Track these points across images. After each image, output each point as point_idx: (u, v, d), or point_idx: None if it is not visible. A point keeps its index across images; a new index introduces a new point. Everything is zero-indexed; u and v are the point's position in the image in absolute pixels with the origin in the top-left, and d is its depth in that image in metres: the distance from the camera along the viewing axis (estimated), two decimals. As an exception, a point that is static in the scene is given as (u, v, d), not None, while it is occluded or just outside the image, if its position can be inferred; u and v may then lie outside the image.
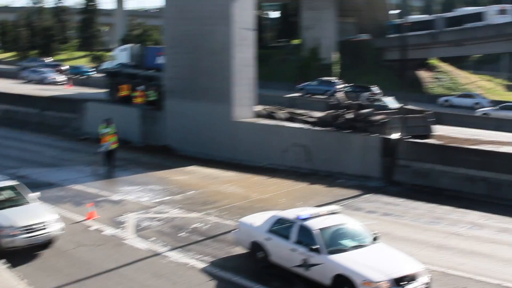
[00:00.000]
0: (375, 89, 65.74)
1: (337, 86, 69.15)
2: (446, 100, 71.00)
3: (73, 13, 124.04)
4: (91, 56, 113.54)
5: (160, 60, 79.10)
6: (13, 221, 19.22)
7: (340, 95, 39.33)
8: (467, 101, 68.99)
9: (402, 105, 35.00)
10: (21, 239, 18.99)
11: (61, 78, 76.89)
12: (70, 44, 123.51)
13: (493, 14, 79.81)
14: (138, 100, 42.62)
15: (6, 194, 21.22)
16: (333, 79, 74.23)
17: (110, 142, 32.86)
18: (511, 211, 25.90)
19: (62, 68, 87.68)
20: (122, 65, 68.20)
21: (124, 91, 46.04)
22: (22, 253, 19.37)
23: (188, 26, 37.51)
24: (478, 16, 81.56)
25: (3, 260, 4.29)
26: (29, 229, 19.20)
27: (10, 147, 38.23)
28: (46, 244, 19.91)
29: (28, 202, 20.90)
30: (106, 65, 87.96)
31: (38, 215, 20.08)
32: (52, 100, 51.64)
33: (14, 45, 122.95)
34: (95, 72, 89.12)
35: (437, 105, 66.49)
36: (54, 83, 73.94)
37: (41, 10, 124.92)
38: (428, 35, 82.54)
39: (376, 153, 31.68)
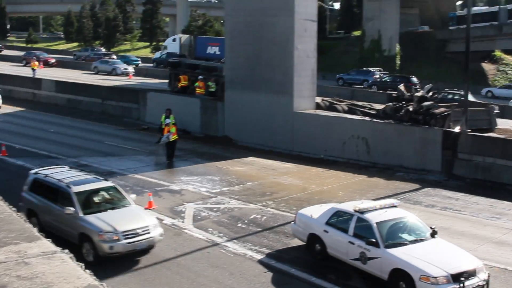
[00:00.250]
0: (414, 79, 64.96)
1: (375, 76, 68.75)
2: (489, 91, 69.65)
3: (136, 4, 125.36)
4: (153, 47, 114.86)
5: (210, 50, 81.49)
6: (114, 225, 17.93)
7: (401, 87, 38.71)
8: (509, 92, 67.43)
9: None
10: (123, 245, 17.74)
11: (131, 68, 77.67)
12: (132, 35, 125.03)
13: None
14: (199, 90, 42.72)
15: (107, 195, 19.79)
16: (373, 69, 73.66)
17: (170, 133, 32.50)
18: None
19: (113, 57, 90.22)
20: (168, 54, 69.09)
21: (183, 82, 46.33)
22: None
23: (249, 17, 37.48)
24: None
25: (67, 250, 4.35)
26: (131, 234, 17.98)
27: (73, 136, 38.78)
28: (146, 250, 18.59)
29: (129, 204, 19.56)
30: (156, 55, 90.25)
31: (140, 218, 18.79)
32: (114, 89, 52.40)
33: (77, 36, 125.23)
34: (140, 62, 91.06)
35: (481, 96, 65.05)
36: (126, 73, 74.79)
37: (105, 1, 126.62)
38: (492, 26, 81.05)
39: (437, 146, 31.18)
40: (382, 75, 68.95)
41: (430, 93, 35.38)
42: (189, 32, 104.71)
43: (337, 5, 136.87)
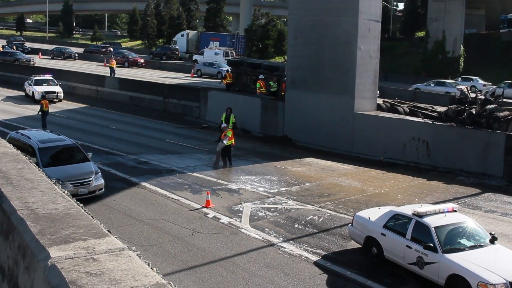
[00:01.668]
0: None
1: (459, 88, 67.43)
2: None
3: (200, 3, 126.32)
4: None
5: (213, 45, 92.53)
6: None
7: (465, 89, 38.28)
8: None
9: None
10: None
11: None
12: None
13: None
14: (260, 90, 42.95)
15: (69, 152, 25.71)
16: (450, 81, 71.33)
17: (226, 137, 31.38)
18: None
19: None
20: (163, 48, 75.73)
21: (228, 79, 48.02)
22: (141, 238, 20.03)
23: (312, 16, 37.48)
24: None
25: (134, 247, 4.49)
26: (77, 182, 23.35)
27: (134, 134, 39.39)
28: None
29: (88, 160, 25.22)
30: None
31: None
32: (176, 88, 53.02)
33: (141, 34, 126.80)
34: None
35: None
36: None
37: (169, 0, 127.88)
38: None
39: (499, 150, 30.72)
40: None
41: (494, 96, 34.89)
42: (252, 32, 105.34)
43: (401, 6, 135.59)
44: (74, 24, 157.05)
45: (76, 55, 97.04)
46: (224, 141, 30.97)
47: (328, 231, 21.61)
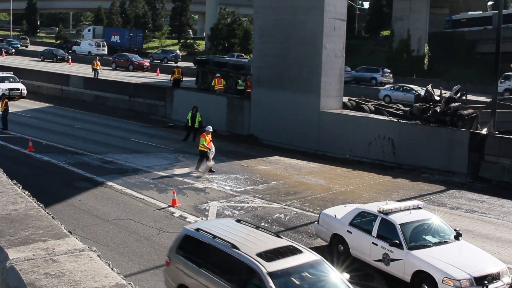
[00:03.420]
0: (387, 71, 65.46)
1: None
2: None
3: (166, 1, 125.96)
4: (181, 44, 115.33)
5: (113, 38, 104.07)
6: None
7: (429, 87, 38.58)
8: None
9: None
10: None
11: None
12: (161, 32, 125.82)
13: None
14: (217, 87, 43.15)
15: None
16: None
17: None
18: None
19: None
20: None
21: (176, 75, 49.13)
22: (107, 238, 19.88)
23: (278, 15, 37.51)
24: None
25: (94, 248, 4.42)
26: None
27: (100, 133, 39.13)
28: None
29: None
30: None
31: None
32: (141, 87, 52.72)
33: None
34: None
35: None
36: None
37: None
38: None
39: (463, 148, 31.05)
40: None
41: (458, 94, 35.22)
42: (218, 31, 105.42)
43: (366, 4, 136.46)
44: (38, 23, 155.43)
45: (70, 57, 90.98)
46: (212, 149, 30.20)
47: (294, 229, 21.63)
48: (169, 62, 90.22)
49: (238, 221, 15.38)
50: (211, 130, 30.23)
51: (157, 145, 36.13)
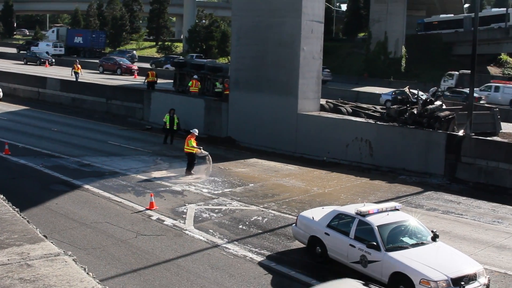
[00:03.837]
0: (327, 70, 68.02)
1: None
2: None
3: (143, 3, 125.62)
4: (159, 46, 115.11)
5: (77, 39, 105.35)
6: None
7: (407, 89, 38.86)
8: None
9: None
10: None
11: None
12: (139, 34, 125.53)
13: None
14: (193, 89, 43.22)
15: None
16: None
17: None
18: None
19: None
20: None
21: (150, 77, 50.01)
22: (84, 241, 19.78)
23: (256, 17, 37.51)
24: (502, 17, 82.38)
25: (70, 253, 4.39)
26: None
27: (76, 136, 38.92)
28: None
29: None
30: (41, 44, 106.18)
31: None
32: (119, 89, 52.50)
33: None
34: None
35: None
36: None
37: (112, 0, 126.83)
38: (499, 30, 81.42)
39: (440, 149, 31.23)
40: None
41: (435, 96, 35.46)
42: (196, 33, 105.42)
43: (344, 7, 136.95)
44: (15, 25, 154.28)
45: (53, 60, 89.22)
46: (203, 151, 30.35)
47: (272, 232, 21.64)
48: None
49: (366, 284, 14.07)
50: (197, 133, 30.69)
51: (134, 148, 35.99)
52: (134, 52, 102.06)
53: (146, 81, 51.03)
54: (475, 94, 60.54)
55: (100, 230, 21.01)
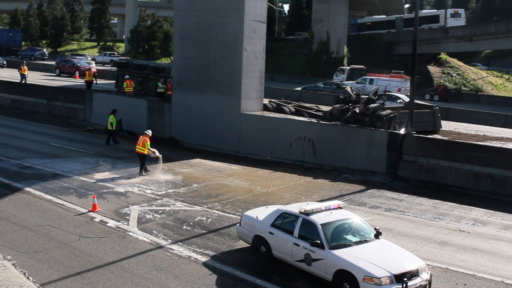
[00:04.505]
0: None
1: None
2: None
3: (85, 3, 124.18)
4: (100, 47, 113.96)
5: (6, 40, 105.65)
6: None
7: (348, 88, 39.22)
8: None
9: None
10: None
11: None
12: (80, 35, 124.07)
13: (447, 17, 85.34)
14: (127, 89, 43.19)
15: None
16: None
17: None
18: (516, 208, 25.84)
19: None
20: None
21: (87, 77, 51.42)
22: (25, 245, 19.43)
23: (198, 17, 37.38)
24: (434, 18, 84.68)
25: (9, 257, 4.24)
26: None
27: (17, 138, 38.25)
28: None
29: None
30: None
31: None
32: (60, 90, 51.75)
33: (24, 35, 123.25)
34: None
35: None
36: None
37: (52, 0, 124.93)
38: (438, 30, 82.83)
39: (382, 148, 31.61)
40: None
41: (377, 95, 35.86)
42: (138, 33, 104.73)
43: (286, 7, 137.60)
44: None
45: (5, 62, 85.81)
46: (157, 153, 30.33)
47: (216, 232, 21.59)
48: (36, 60, 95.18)
49: None
50: (151, 134, 30.98)
51: (76, 149, 35.52)
52: (44, 50, 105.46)
53: (84, 80, 50.92)
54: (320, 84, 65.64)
55: (42, 233, 20.67)
